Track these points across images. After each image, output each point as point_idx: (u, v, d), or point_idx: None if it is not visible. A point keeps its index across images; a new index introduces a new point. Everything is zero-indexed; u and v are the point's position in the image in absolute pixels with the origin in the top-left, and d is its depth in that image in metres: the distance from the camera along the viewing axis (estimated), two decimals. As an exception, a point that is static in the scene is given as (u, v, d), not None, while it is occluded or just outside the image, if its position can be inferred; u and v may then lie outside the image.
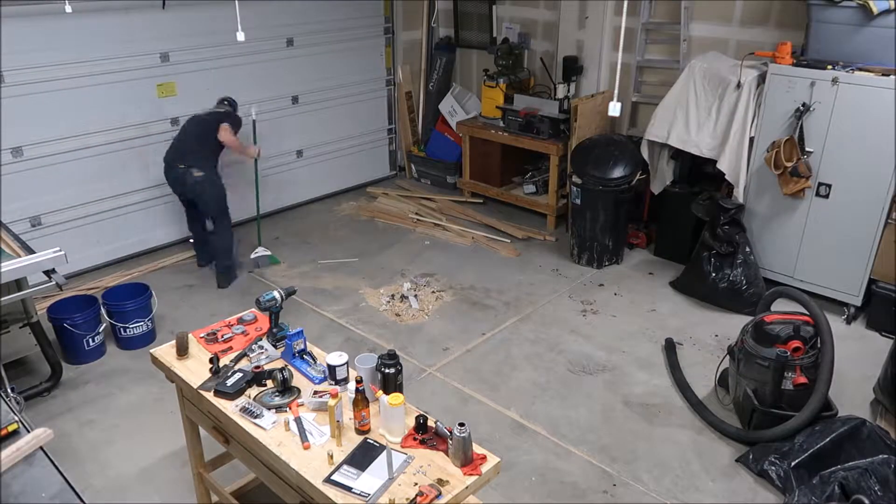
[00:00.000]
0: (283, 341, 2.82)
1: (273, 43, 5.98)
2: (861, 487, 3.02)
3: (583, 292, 5.15)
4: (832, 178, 4.52)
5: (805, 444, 3.34)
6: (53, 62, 4.80)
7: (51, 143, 4.94)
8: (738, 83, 4.75)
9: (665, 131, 5.17)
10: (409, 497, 2.13)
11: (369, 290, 5.16)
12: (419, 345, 4.52)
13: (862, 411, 3.76)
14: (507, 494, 3.32)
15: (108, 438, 3.71)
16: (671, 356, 4.32)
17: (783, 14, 5.01)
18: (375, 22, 6.75)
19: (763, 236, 4.94)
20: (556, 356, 4.39)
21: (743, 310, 4.74)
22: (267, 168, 6.29)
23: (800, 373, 3.52)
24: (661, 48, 5.76)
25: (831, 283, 4.73)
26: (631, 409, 3.92)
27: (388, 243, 5.92)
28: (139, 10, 5.12)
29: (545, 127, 5.94)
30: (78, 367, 4.27)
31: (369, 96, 6.55)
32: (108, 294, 4.51)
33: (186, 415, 2.96)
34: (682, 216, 5.24)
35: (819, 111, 4.43)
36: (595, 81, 6.06)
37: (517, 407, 3.94)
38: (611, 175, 5.22)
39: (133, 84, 5.24)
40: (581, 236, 5.45)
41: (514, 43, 6.45)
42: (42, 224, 5.03)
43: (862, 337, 4.56)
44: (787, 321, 3.66)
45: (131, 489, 3.37)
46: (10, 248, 3.68)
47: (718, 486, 3.38)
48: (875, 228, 4.43)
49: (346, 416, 2.45)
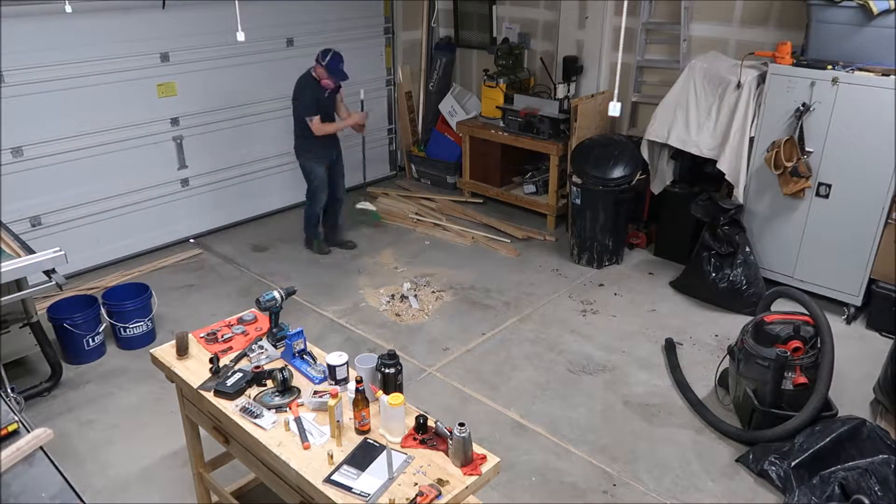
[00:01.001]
0: (283, 341, 2.82)
1: (273, 43, 5.98)
2: (861, 488, 3.02)
3: (583, 292, 5.15)
4: (832, 178, 4.52)
5: (805, 444, 3.34)
6: (53, 62, 4.80)
7: (51, 143, 4.94)
8: (738, 83, 4.75)
9: (665, 131, 5.17)
10: (409, 497, 2.13)
11: (369, 290, 5.16)
12: (419, 345, 4.52)
13: (862, 411, 3.76)
14: (507, 494, 3.32)
15: (108, 438, 3.71)
16: (671, 356, 4.32)
17: (783, 14, 5.01)
18: (375, 22, 6.76)
19: (763, 236, 4.94)
20: (556, 356, 4.39)
21: (743, 310, 4.74)
22: (267, 168, 6.30)
23: (800, 373, 3.52)
24: (661, 48, 5.76)
25: (831, 283, 4.73)
26: (631, 409, 3.92)
27: (388, 243, 5.92)
28: (139, 10, 5.12)
29: (545, 127, 5.94)
30: (78, 367, 4.27)
31: (369, 96, 6.51)
32: (108, 294, 4.51)
33: (186, 415, 2.96)
34: (682, 216, 5.24)
35: (819, 111, 4.43)
36: (595, 81, 6.06)
37: (517, 407, 3.94)
38: (611, 175, 5.22)
39: (133, 84, 5.24)
40: (581, 236, 5.45)
41: (514, 43, 6.46)
42: (42, 224, 5.03)
43: (862, 337, 4.56)
44: (787, 321, 3.66)
45: (131, 489, 3.37)
46: (10, 248, 3.68)
47: (718, 486, 3.38)
48: (875, 228, 4.43)
49: (346, 416, 2.45)
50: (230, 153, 6.00)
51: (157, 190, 5.61)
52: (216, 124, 5.83)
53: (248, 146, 6.09)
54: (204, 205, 5.95)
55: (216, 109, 5.78)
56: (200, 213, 5.95)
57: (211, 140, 5.83)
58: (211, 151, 5.85)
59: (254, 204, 6.31)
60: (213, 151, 5.86)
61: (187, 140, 5.68)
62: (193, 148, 5.73)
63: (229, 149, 5.98)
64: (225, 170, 6.00)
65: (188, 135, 5.67)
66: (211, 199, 5.98)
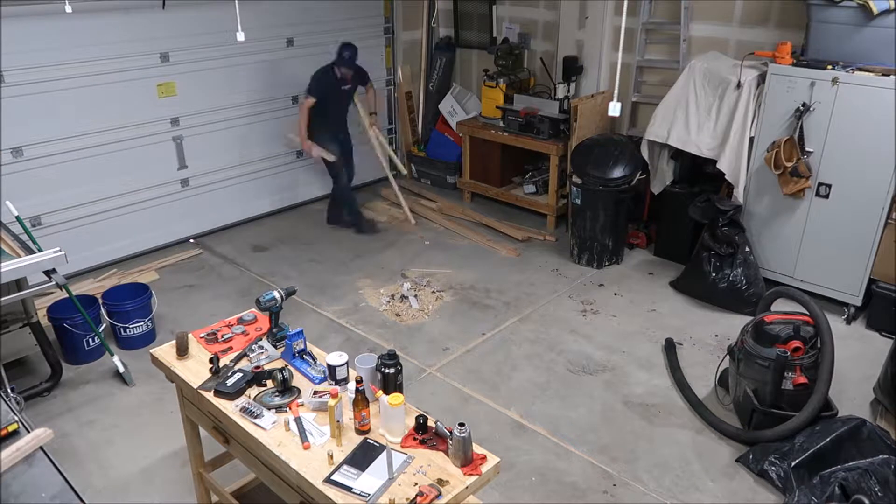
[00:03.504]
0: (283, 341, 2.82)
1: (273, 43, 5.98)
2: (861, 488, 3.02)
3: (583, 292, 5.15)
4: (832, 178, 4.52)
5: (805, 444, 3.34)
6: (53, 62, 4.80)
7: (51, 143, 4.94)
8: (738, 83, 4.75)
9: (665, 131, 5.17)
10: (409, 497, 2.13)
11: (369, 290, 5.16)
12: (419, 345, 4.52)
13: (862, 411, 3.77)
14: (507, 494, 3.32)
15: (108, 438, 3.71)
16: (671, 356, 4.32)
17: (783, 14, 5.01)
18: (375, 22, 6.76)
19: (763, 236, 4.94)
20: (556, 356, 4.39)
21: (743, 310, 4.74)
22: (267, 168, 6.30)
23: (800, 373, 3.52)
24: (661, 48, 5.76)
25: (831, 283, 4.73)
26: (631, 409, 3.92)
27: (388, 243, 5.92)
28: (139, 10, 5.12)
29: (545, 127, 5.94)
30: (78, 367, 4.27)
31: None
32: (108, 294, 4.51)
33: (186, 415, 2.96)
34: (682, 216, 5.24)
35: (819, 111, 4.43)
36: (595, 81, 6.06)
37: (517, 407, 3.94)
38: (611, 175, 5.22)
39: (133, 84, 5.24)
40: (581, 236, 5.45)
41: (514, 43, 6.46)
42: (42, 224, 5.03)
43: (862, 337, 4.56)
44: (787, 321, 3.66)
45: (131, 489, 3.37)
46: (9, 248, 3.68)
47: (718, 486, 3.38)
48: (875, 228, 4.43)
49: (346, 416, 2.45)
50: (230, 153, 6.00)
51: (157, 190, 5.61)
52: (216, 124, 5.82)
53: (247, 146, 6.09)
54: (204, 205, 5.94)
55: (216, 109, 5.78)
56: (200, 213, 5.95)
57: (211, 140, 5.83)
58: (211, 151, 5.85)
59: (254, 204, 6.31)
60: (212, 151, 5.86)
61: (187, 140, 5.68)
62: (193, 148, 5.73)
63: (229, 149, 5.98)
64: (225, 170, 6.00)
65: (188, 135, 5.67)
66: (211, 199, 5.98)
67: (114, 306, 4.36)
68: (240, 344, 2.90)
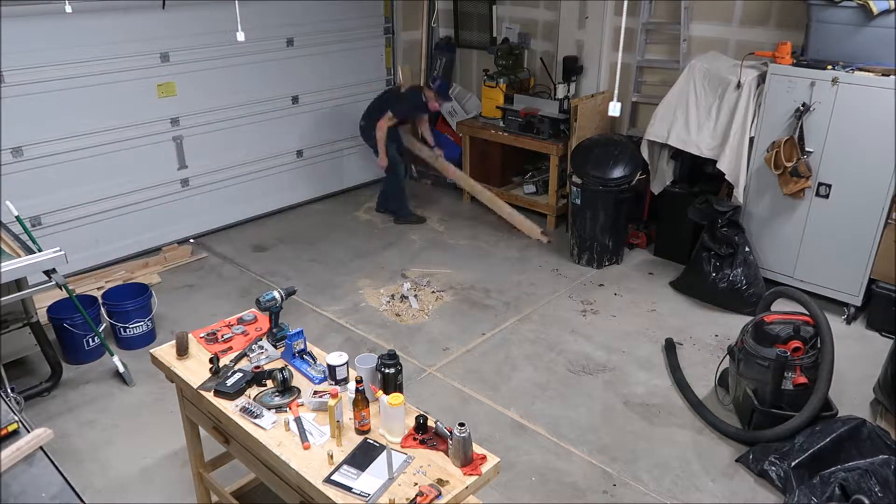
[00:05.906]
0: (283, 341, 2.82)
1: (273, 43, 5.98)
2: (861, 488, 3.02)
3: (583, 292, 5.15)
4: (832, 178, 4.52)
5: (805, 445, 3.34)
6: (53, 62, 4.80)
7: (51, 143, 4.94)
8: (738, 83, 4.75)
9: (665, 131, 5.17)
10: (409, 497, 2.13)
11: (369, 290, 5.16)
12: (419, 345, 4.52)
13: (862, 411, 3.76)
14: (507, 494, 3.32)
15: (108, 438, 3.71)
16: (671, 356, 4.32)
17: (783, 14, 5.01)
18: (375, 22, 6.75)
19: (763, 236, 4.94)
20: (555, 356, 4.39)
21: (743, 310, 4.74)
22: (267, 168, 6.30)
23: (800, 373, 3.52)
24: (661, 48, 5.76)
25: (831, 283, 4.73)
26: (631, 409, 3.92)
27: (388, 243, 5.92)
28: (139, 10, 5.12)
29: (545, 127, 5.94)
30: (78, 367, 4.27)
31: (370, 97, 6.51)
32: (108, 294, 4.51)
33: (186, 415, 2.96)
34: (682, 216, 5.23)
35: (819, 111, 4.43)
36: (595, 81, 6.06)
37: (517, 407, 3.94)
38: (611, 175, 5.22)
39: (133, 84, 5.24)
40: (581, 236, 5.45)
41: (514, 43, 6.46)
42: (42, 224, 5.03)
43: (862, 337, 4.56)
44: (787, 321, 3.66)
45: (131, 489, 3.37)
46: (9, 248, 3.68)
47: (718, 486, 3.38)
48: (875, 228, 4.43)
49: (346, 416, 2.45)
50: (230, 153, 6.00)
51: (157, 190, 5.60)
52: (216, 124, 5.82)
53: (248, 146, 6.09)
54: (204, 205, 5.94)
55: (216, 109, 5.78)
56: (200, 213, 5.94)
57: (211, 140, 5.82)
58: (211, 151, 5.85)
59: (253, 204, 6.31)
60: (213, 151, 5.86)
61: (187, 140, 5.68)
62: (193, 148, 5.73)
63: (229, 149, 5.98)
64: (225, 170, 6.00)
65: (188, 135, 5.67)
66: (211, 199, 5.98)
67: (114, 306, 4.36)
68: (240, 344, 2.90)
